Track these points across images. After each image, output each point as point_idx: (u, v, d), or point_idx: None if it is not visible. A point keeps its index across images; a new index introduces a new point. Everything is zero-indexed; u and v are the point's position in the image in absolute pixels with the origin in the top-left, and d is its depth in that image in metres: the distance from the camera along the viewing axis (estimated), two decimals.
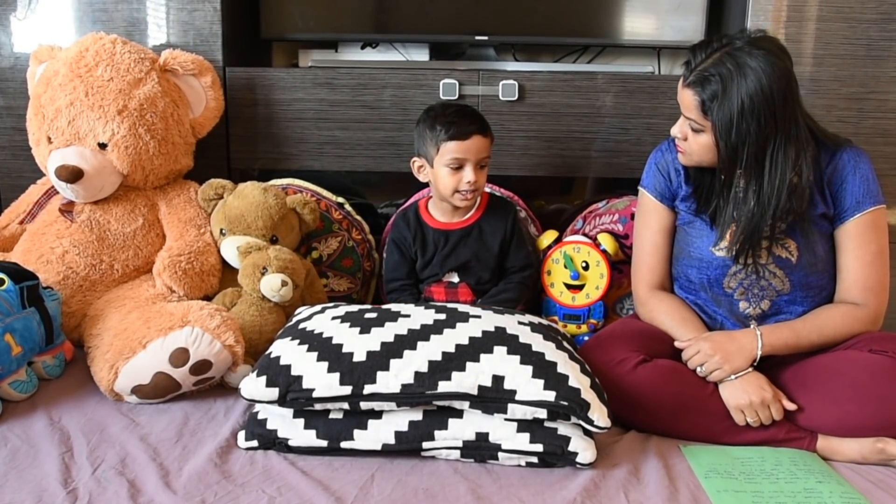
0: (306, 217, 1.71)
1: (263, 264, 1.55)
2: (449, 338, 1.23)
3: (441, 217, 1.65)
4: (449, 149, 1.53)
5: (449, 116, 1.54)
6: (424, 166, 1.60)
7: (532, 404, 1.17)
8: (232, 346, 1.39)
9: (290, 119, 1.86)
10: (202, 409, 1.37)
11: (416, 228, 1.65)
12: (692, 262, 1.43)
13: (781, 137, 1.28)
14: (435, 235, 1.64)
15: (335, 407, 1.20)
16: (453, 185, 1.55)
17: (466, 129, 1.53)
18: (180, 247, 1.61)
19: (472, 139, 1.53)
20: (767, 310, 1.41)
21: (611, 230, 1.76)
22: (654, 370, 1.32)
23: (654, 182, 1.48)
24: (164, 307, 1.44)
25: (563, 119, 1.83)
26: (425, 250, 1.64)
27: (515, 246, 1.65)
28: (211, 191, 1.70)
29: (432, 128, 1.55)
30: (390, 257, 1.69)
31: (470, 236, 1.64)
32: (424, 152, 1.58)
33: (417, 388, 1.17)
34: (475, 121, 1.55)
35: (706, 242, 1.42)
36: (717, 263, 1.41)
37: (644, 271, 1.50)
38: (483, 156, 1.56)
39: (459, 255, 1.63)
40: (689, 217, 1.45)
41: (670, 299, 1.46)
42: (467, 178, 1.54)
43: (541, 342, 1.26)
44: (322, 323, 1.29)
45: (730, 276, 1.41)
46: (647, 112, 1.82)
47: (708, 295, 1.44)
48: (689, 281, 1.46)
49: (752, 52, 1.26)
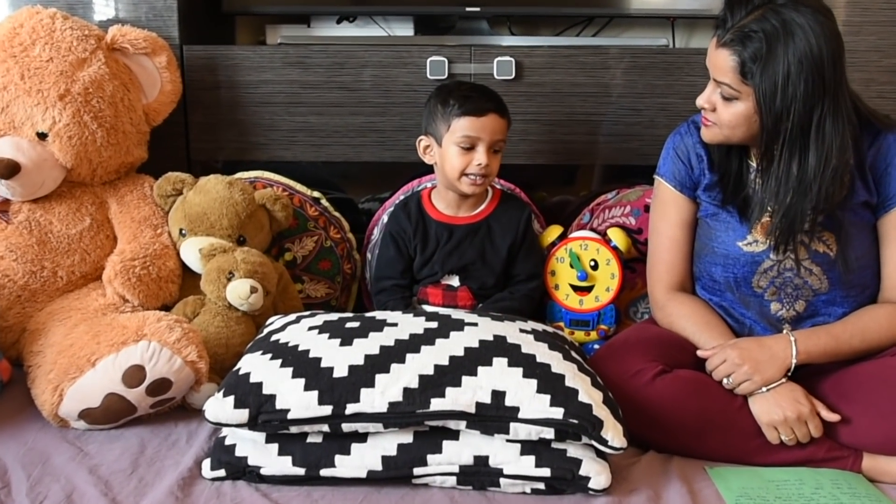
0: (277, 214, 1.71)
1: (229, 268, 1.54)
2: (442, 349, 1.23)
3: (446, 209, 1.66)
4: (461, 125, 1.54)
5: (464, 91, 1.57)
6: (432, 146, 1.61)
7: (537, 423, 1.17)
8: (194, 363, 1.39)
9: (258, 104, 1.85)
10: (161, 435, 1.36)
11: (418, 220, 1.66)
12: (716, 259, 1.43)
13: (829, 106, 1.26)
14: (437, 229, 1.65)
15: (313, 430, 1.20)
16: (462, 167, 1.56)
17: (483, 106, 1.55)
18: (134, 250, 1.60)
19: (487, 117, 1.55)
20: (802, 312, 1.41)
21: (622, 224, 1.76)
22: (675, 382, 1.32)
23: (673, 169, 1.48)
24: (115, 319, 1.43)
25: (567, 100, 1.83)
26: (426, 246, 1.65)
27: (526, 252, 1.66)
28: (168, 186, 1.69)
29: (445, 103, 1.56)
30: (384, 252, 1.69)
31: (477, 234, 1.64)
32: (433, 130, 1.59)
33: (407, 407, 1.17)
34: (493, 99, 1.58)
35: (732, 237, 1.42)
36: (745, 260, 1.40)
37: (661, 270, 1.49)
38: (498, 138, 1.57)
39: (464, 255, 1.63)
40: (713, 209, 1.44)
41: (692, 302, 1.46)
42: (478, 159, 1.55)
43: (546, 352, 1.26)
44: (297, 334, 1.29)
45: (759, 273, 1.40)
46: (661, 90, 1.82)
47: (735, 296, 1.44)
48: (712, 280, 1.45)
49: (799, 9, 1.25)
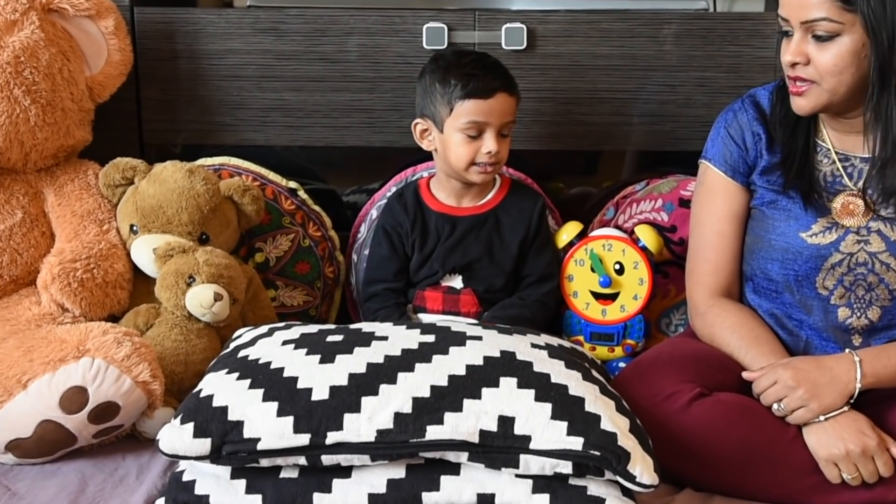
0: (247, 208, 1.71)
1: (189, 272, 1.54)
2: (440, 367, 1.22)
3: (447, 199, 1.67)
4: (466, 109, 1.54)
5: (466, 67, 1.56)
6: (430, 130, 1.61)
7: (552, 455, 1.16)
8: (146, 383, 1.38)
9: (224, 77, 1.85)
10: (106, 470, 1.34)
11: (416, 213, 1.66)
12: (773, 255, 1.43)
13: None
14: (438, 222, 1.65)
15: (288, 462, 1.19)
16: (469, 157, 1.57)
17: (490, 85, 1.55)
18: (75, 249, 1.59)
19: (495, 97, 1.55)
20: (877, 321, 1.41)
21: (652, 221, 1.76)
22: (716, 408, 1.31)
23: (724, 152, 1.48)
24: (52, 332, 1.42)
25: (588, 74, 1.83)
26: (425, 241, 1.66)
27: (538, 248, 1.66)
28: (117, 174, 1.68)
29: (444, 81, 1.56)
30: (376, 251, 1.70)
31: (483, 227, 1.65)
32: (431, 113, 1.59)
33: (399, 436, 1.16)
34: (500, 74, 1.58)
35: (794, 227, 1.42)
36: (808, 254, 1.40)
37: (704, 271, 1.49)
38: (507, 120, 1.58)
39: (468, 251, 1.64)
40: (771, 195, 1.45)
41: (738, 310, 1.46)
42: (487, 147, 1.55)
43: (562, 371, 1.25)
44: (269, 349, 1.29)
45: (826, 270, 1.40)
46: (699, 62, 1.82)
47: (794, 298, 1.44)
48: (768, 280, 1.45)
49: None
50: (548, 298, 1.67)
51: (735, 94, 1.64)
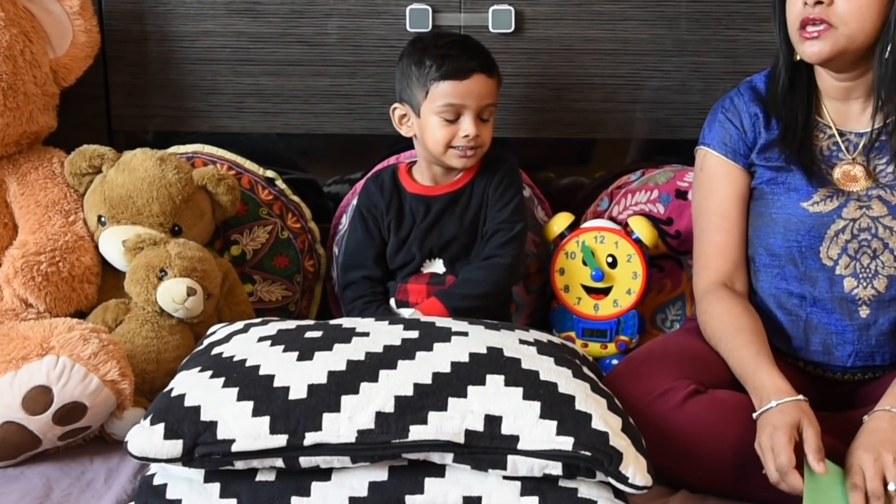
0: (221, 198, 1.71)
1: (161, 265, 1.54)
2: (423, 364, 1.22)
3: (424, 181, 1.69)
4: (441, 91, 1.56)
5: (442, 49, 1.58)
6: (408, 115, 1.63)
7: (541, 455, 1.17)
8: (115, 382, 1.38)
9: (196, 60, 1.85)
10: (72, 474, 1.34)
11: (392, 194, 1.68)
12: (775, 228, 1.46)
13: None
14: (413, 203, 1.67)
15: (264, 465, 1.19)
16: (446, 140, 1.58)
17: (465, 66, 1.56)
18: (39, 242, 1.58)
19: (472, 79, 1.56)
20: (884, 291, 1.42)
21: (647, 212, 1.77)
22: (711, 405, 1.32)
23: (723, 135, 1.51)
24: (14, 329, 1.42)
25: (579, 58, 1.83)
26: (401, 224, 1.67)
27: (496, 199, 1.64)
28: (84, 162, 1.68)
29: (419, 63, 1.58)
30: (353, 235, 1.71)
31: (458, 203, 1.66)
32: (408, 97, 1.61)
33: (380, 436, 1.16)
34: (477, 55, 1.59)
35: (795, 198, 1.45)
36: (811, 223, 1.43)
37: (709, 255, 1.51)
38: (486, 102, 1.59)
39: (444, 230, 1.65)
40: (770, 173, 1.47)
41: (729, 299, 1.47)
42: (465, 130, 1.57)
43: (552, 368, 1.25)
44: (244, 346, 1.29)
45: (829, 239, 1.42)
46: (694, 46, 1.82)
47: (798, 271, 1.45)
48: (770, 255, 1.47)
49: None
50: (503, 252, 1.61)
51: (732, 79, 1.65)
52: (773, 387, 1.29)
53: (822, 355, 1.46)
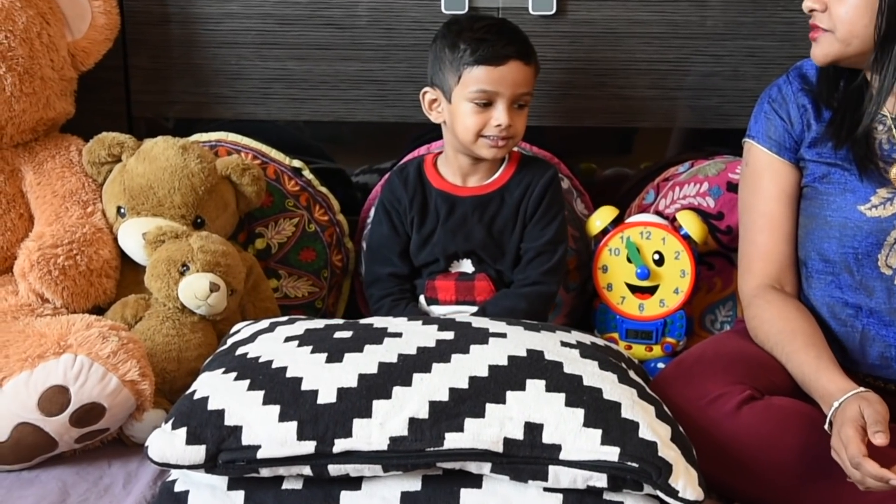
0: (246, 189, 1.71)
1: (183, 259, 1.54)
2: (460, 367, 1.22)
3: (452, 177, 1.69)
4: (475, 77, 1.56)
5: (478, 32, 1.58)
6: (439, 100, 1.64)
7: (585, 466, 1.16)
8: (135, 383, 1.38)
9: (220, 44, 1.85)
10: (89, 479, 1.34)
11: (416, 188, 1.68)
12: (830, 232, 1.43)
13: None
14: (437, 201, 1.67)
15: (291, 472, 1.19)
16: (476, 128, 1.58)
17: (501, 52, 1.56)
18: (56, 234, 1.59)
19: (507, 65, 1.56)
20: None
21: (696, 206, 1.76)
22: (768, 412, 1.30)
23: (768, 128, 1.50)
24: (30, 325, 1.42)
25: (624, 42, 1.83)
26: (424, 221, 1.67)
27: (538, 220, 1.66)
28: (103, 150, 1.68)
29: (453, 47, 1.58)
30: (377, 229, 1.72)
31: (487, 209, 1.66)
32: (440, 81, 1.61)
33: (414, 444, 1.16)
34: (514, 40, 1.59)
35: (851, 200, 1.42)
36: (868, 228, 1.40)
37: (753, 257, 1.50)
38: (522, 91, 1.59)
39: (470, 235, 1.65)
40: (823, 169, 1.45)
41: (782, 301, 1.46)
42: (497, 119, 1.57)
43: (596, 372, 1.25)
44: (271, 346, 1.29)
45: (888, 246, 1.40)
46: (748, 29, 1.81)
47: (854, 280, 1.43)
48: (824, 262, 1.45)
49: None
50: (548, 279, 1.65)
51: (788, 65, 1.63)
52: (838, 390, 1.27)
53: (881, 369, 1.43)
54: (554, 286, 1.66)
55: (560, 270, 1.67)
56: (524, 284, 1.64)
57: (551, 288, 1.65)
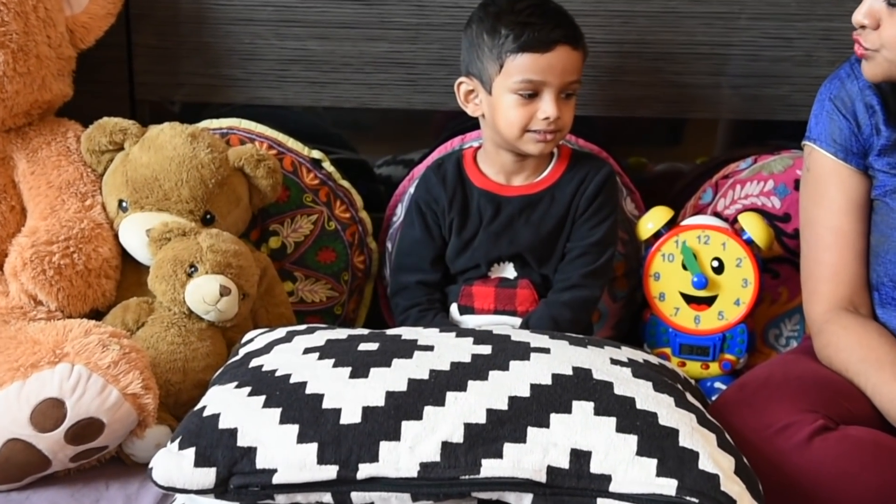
0: (261, 182, 1.71)
1: (190, 260, 1.54)
2: (498, 386, 1.22)
3: (495, 175, 1.69)
4: (519, 65, 1.55)
5: (521, 15, 1.57)
6: (477, 92, 1.63)
7: (638, 500, 1.15)
8: (137, 396, 1.38)
9: (233, 20, 1.86)
10: (85, 501, 1.34)
11: (455, 187, 1.68)
12: None
13: None
14: (480, 200, 1.67)
15: (310, 500, 1.18)
16: (522, 122, 1.58)
17: (548, 36, 1.55)
18: (51, 229, 1.59)
19: (555, 51, 1.56)
20: None
21: (760, 207, 1.76)
22: (843, 444, 1.29)
23: (831, 129, 1.48)
24: (22, 331, 1.43)
25: (682, 23, 1.83)
26: (464, 224, 1.68)
27: (588, 217, 1.66)
28: (103, 137, 1.69)
29: (493, 31, 1.57)
30: (408, 231, 1.73)
31: (535, 210, 1.66)
32: (478, 70, 1.61)
33: (447, 471, 1.15)
34: (562, 23, 1.59)
35: None
36: None
37: (820, 278, 1.49)
38: (571, 79, 1.58)
39: (516, 238, 1.66)
40: (894, 182, 1.44)
41: (861, 326, 1.44)
42: (545, 111, 1.56)
43: (650, 395, 1.24)
44: (288, 358, 1.29)
45: None
46: (823, 10, 1.81)
47: None
48: None
49: None
50: (591, 283, 1.65)
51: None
52: None
53: None
54: (597, 291, 1.66)
55: (604, 275, 1.68)
56: (564, 288, 1.64)
57: (594, 293, 1.66)
